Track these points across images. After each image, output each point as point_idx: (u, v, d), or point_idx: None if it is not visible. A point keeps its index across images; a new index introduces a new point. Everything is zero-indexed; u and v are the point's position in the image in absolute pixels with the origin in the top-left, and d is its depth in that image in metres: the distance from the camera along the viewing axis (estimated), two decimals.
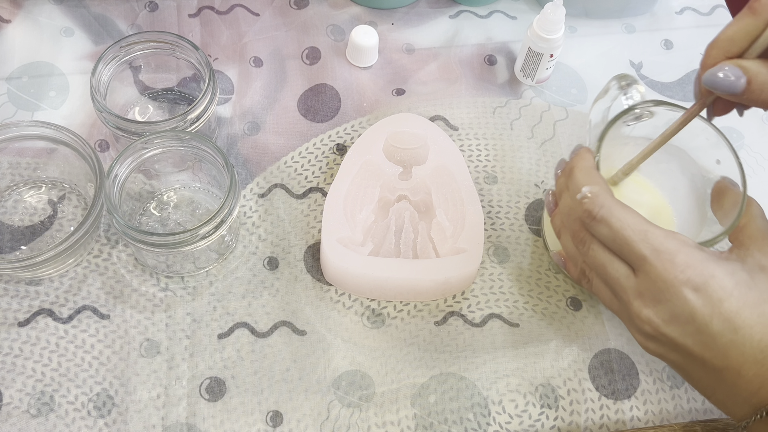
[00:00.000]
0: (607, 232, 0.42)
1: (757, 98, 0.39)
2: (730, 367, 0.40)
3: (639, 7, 0.70)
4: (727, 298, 0.39)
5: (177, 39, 0.56)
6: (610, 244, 0.42)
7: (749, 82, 0.39)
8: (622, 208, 0.42)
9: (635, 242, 0.41)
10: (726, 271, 0.40)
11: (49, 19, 0.65)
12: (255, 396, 0.50)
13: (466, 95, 0.64)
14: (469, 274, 0.53)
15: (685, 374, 0.43)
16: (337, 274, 0.53)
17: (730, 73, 0.39)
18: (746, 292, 0.40)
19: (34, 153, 0.57)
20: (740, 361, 0.39)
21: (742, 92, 0.39)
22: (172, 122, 0.53)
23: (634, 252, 0.41)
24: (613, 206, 0.42)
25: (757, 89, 0.39)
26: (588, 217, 0.42)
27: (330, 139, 0.61)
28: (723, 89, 0.40)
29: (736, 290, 0.39)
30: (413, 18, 0.68)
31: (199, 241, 0.49)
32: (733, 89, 0.39)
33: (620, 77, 0.50)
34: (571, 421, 0.51)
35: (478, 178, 0.60)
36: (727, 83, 0.39)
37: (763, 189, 0.62)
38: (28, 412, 0.49)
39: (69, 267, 0.53)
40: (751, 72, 0.39)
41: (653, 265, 0.40)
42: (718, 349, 0.40)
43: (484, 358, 0.53)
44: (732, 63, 0.40)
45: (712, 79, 0.40)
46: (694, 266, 0.40)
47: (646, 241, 0.40)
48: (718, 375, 0.41)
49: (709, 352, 0.40)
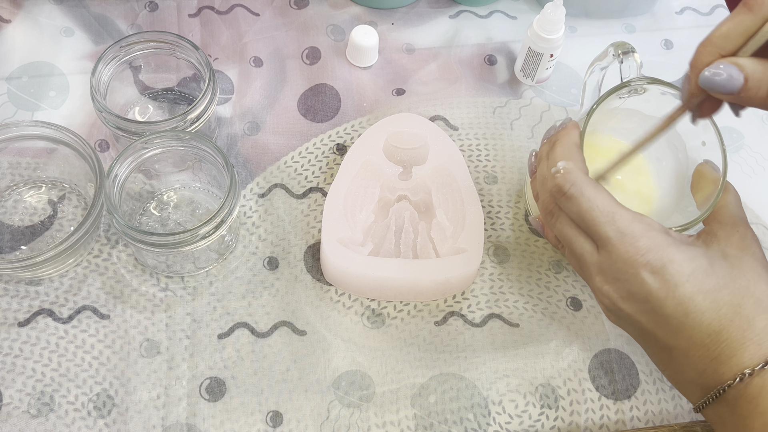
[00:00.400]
0: (576, 210, 0.43)
1: (754, 96, 0.39)
2: (679, 346, 0.41)
3: (639, 7, 0.70)
4: (682, 283, 0.40)
5: (177, 39, 0.56)
6: (578, 221, 0.43)
7: (746, 80, 0.38)
8: (593, 187, 0.43)
9: (602, 223, 0.42)
10: (686, 257, 0.41)
11: (49, 19, 0.65)
12: (255, 396, 0.50)
13: (466, 95, 0.64)
14: (469, 274, 0.53)
15: (644, 346, 0.45)
16: (337, 274, 0.53)
17: (727, 71, 0.39)
18: (703, 278, 0.41)
19: (34, 153, 0.57)
20: (688, 343, 0.41)
21: (738, 91, 0.39)
22: (172, 122, 0.53)
23: (599, 232, 0.42)
24: (584, 185, 0.43)
25: (753, 87, 0.38)
26: (558, 192, 0.43)
27: (330, 139, 0.61)
28: (719, 88, 0.39)
29: (692, 276, 0.40)
30: (413, 18, 0.68)
31: (199, 241, 0.49)
32: (730, 88, 0.39)
33: (618, 45, 0.50)
34: (571, 422, 0.51)
35: (478, 178, 0.60)
36: (724, 82, 0.39)
37: (763, 189, 0.62)
38: (28, 412, 0.49)
39: (69, 267, 0.53)
40: (747, 70, 0.38)
41: (616, 246, 0.41)
42: (669, 330, 0.41)
43: (484, 358, 0.53)
44: (728, 61, 0.39)
45: (708, 78, 0.39)
46: (655, 250, 0.41)
47: (612, 222, 0.41)
48: (669, 352, 0.42)
49: (661, 331, 0.42)
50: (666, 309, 0.41)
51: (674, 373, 0.44)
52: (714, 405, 0.41)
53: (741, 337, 0.40)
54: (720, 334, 0.40)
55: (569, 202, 0.43)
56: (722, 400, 0.41)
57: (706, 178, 0.48)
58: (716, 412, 0.42)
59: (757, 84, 0.38)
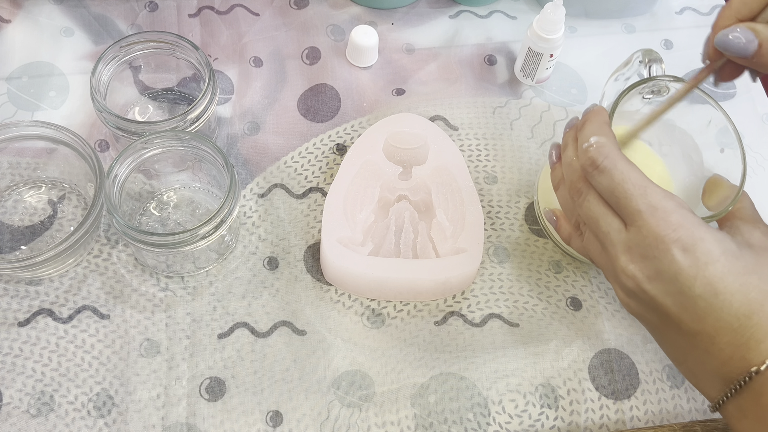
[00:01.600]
0: (607, 183, 0.42)
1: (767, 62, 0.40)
2: (705, 331, 0.40)
3: (639, 7, 0.70)
4: (713, 263, 0.39)
5: (177, 39, 0.56)
6: (608, 196, 0.43)
7: (760, 45, 0.40)
8: (626, 161, 0.42)
9: (634, 196, 0.41)
10: (715, 238, 0.40)
11: (49, 19, 0.65)
12: (255, 396, 0.50)
13: (466, 95, 0.64)
14: (469, 274, 0.53)
15: (660, 337, 0.44)
16: (337, 274, 0.53)
17: (742, 35, 0.40)
18: (732, 260, 0.40)
19: (34, 153, 0.57)
20: (715, 327, 0.40)
21: (752, 55, 0.40)
22: (172, 122, 0.53)
23: (631, 205, 0.41)
24: (618, 158, 0.42)
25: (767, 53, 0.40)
26: (591, 165, 0.43)
27: (330, 139, 0.61)
28: (734, 51, 0.41)
29: (723, 257, 0.40)
30: (413, 18, 0.68)
31: (199, 241, 0.49)
32: (744, 51, 0.40)
33: (646, 52, 0.50)
34: (571, 421, 0.51)
35: (478, 178, 0.60)
36: (739, 45, 0.40)
37: (764, 189, 0.62)
38: (28, 412, 0.49)
39: (69, 267, 0.53)
40: (762, 35, 0.40)
41: (647, 220, 0.41)
42: (696, 313, 0.40)
43: (484, 358, 0.53)
44: (744, 26, 0.40)
45: (723, 40, 0.41)
46: (686, 227, 0.40)
47: (644, 196, 0.41)
48: (691, 339, 0.41)
49: (687, 314, 0.40)
50: (695, 289, 0.39)
51: (695, 365, 0.42)
52: (737, 397, 0.40)
53: None
54: (750, 318, 0.39)
55: (602, 175, 0.42)
56: (747, 389, 0.39)
57: (721, 185, 0.49)
58: (738, 404, 0.40)
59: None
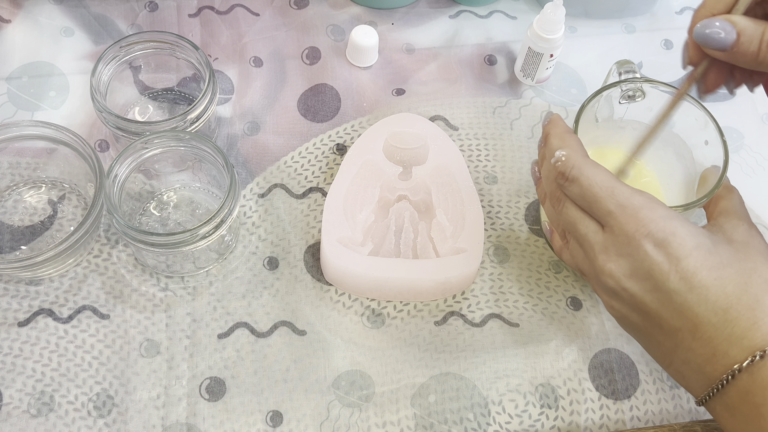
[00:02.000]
0: (578, 191, 0.43)
1: (746, 51, 0.40)
2: (685, 328, 0.40)
3: (639, 7, 0.70)
4: (685, 257, 0.40)
5: (177, 39, 0.56)
6: (581, 202, 0.44)
7: (739, 35, 0.40)
8: (592, 166, 0.43)
9: (602, 198, 0.42)
10: (688, 232, 0.40)
11: (49, 19, 0.65)
12: (255, 396, 0.50)
13: (466, 95, 0.64)
14: (469, 274, 0.53)
15: (646, 340, 0.44)
16: (337, 274, 0.53)
17: (720, 27, 0.41)
18: (705, 255, 0.40)
19: (34, 153, 0.57)
20: (694, 323, 0.40)
21: (732, 46, 0.41)
22: (172, 122, 0.53)
23: (601, 208, 0.42)
24: (583, 166, 0.43)
25: (745, 43, 0.40)
26: (561, 178, 0.44)
27: (330, 139, 0.61)
28: (713, 44, 0.41)
29: (695, 251, 0.40)
30: (413, 18, 0.68)
31: (199, 241, 0.49)
32: (723, 43, 0.41)
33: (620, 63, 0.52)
34: (571, 421, 0.51)
35: (478, 178, 0.60)
36: (717, 37, 0.41)
37: (764, 189, 0.62)
38: (28, 412, 0.49)
39: (69, 267, 0.53)
40: (740, 26, 0.40)
41: (617, 219, 0.41)
42: (674, 308, 0.40)
43: (484, 358, 0.53)
44: (722, 17, 0.41)
45: (702, 33, 0.41)
46: (656, 221, 0.40)
47: (612, 197, 0.42)
48: (674, 337, 0.41)
49: (666, 310, 0.41)
50: (669, 284, 0.40)
51: (681, 365, 0.42)
52: (722, 394, 0.39)
53: (751, 316, 0.38)
54: (728, 312, 0.39)
55: (572, 185, 0.43)
56: (733, 387, 0.39)
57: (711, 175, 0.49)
58: (725, 403, 0.40)
59: (748, 39, 0.40)
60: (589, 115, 0.51)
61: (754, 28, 0.40)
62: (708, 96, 0.47)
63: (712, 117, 0.49)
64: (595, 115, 0.52)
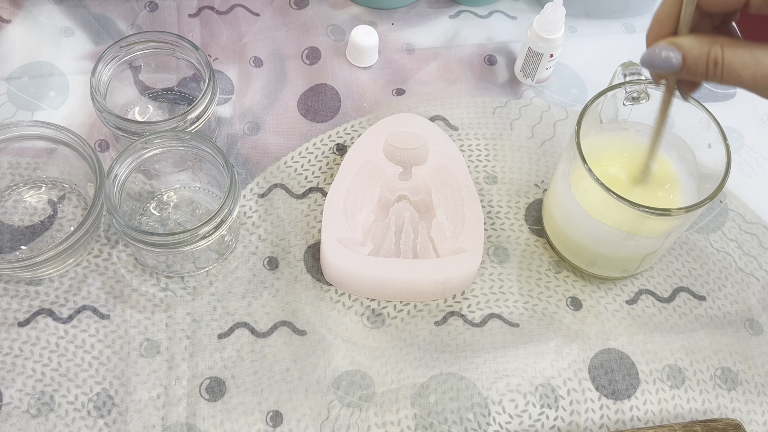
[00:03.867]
0: None
1: (695, 72, 0.40)
2: None
3: (639, 7, 0.70)
4: None
5: (177, 39, 0.56)
6: None
7: (685, 57, 0.40)
8: None
9: None
10: None
11: (49, 19, 0.65)
12: (255, 396, 0.50)
13: (466, 95, 0.64)
14: (469, 274, 0.53)
15: None
16: (337, 274, 0.53)
17: (665, 51, 0.40)
18: None
19: (34, 153, 0.57)
20: None
21: (680, 68, 0.40)
22: (172, 122, 0.53)
23: None
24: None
25: (692, 63, 0.40)
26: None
27: (330, 139, 0.61)
28: (662, 68, 0.41)
29: None
30: (413, 18, 0.68)
31: (199, 241, 0.49)
32: (670, 66, 0.40)
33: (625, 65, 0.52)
34: (571, 421, 0.51)
35: (478, 178, 0.60)
36: (664, 62, 0.40)
37: (764, 189, 0.62)
38: (28, 412, 0.49)
39: (69, 267, 0.54)
40: (685, 47, 0.40)
41: None
42: None
43: (484, 358, 0.53)
44: (666, 41, 0.40)
45: (649, 60, 0.41)
46: None
47: None
48: None
49: None
50: None
51: None
52: None
53: None
54: None
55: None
56: None
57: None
58: None
59: (694, 61, 0.40)
60: (593, 115, 0.51)
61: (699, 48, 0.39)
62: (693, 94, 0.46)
63: (715, 119, 0.49)
64: (600, 115, 0.52)
